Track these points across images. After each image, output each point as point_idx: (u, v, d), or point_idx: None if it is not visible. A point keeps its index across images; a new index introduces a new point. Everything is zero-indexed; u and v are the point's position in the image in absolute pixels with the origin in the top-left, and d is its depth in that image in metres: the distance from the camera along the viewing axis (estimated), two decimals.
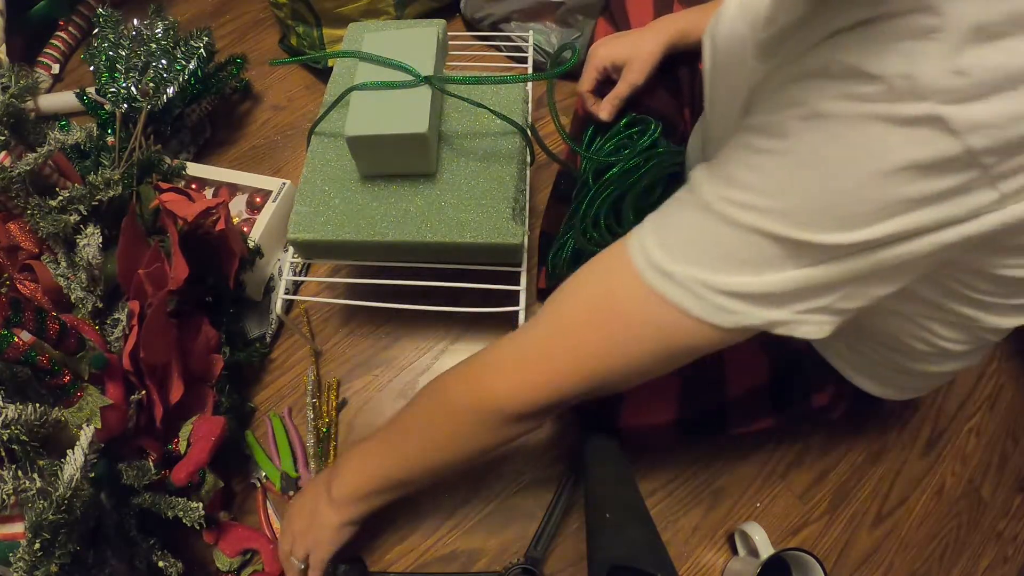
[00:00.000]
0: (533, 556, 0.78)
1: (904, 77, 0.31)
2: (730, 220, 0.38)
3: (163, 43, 1.00)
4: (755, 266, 0.38)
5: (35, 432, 0.59)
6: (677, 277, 0.40)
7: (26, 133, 0.80)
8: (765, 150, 0.37)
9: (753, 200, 0.38)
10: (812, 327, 0.41)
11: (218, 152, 1.12)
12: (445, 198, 0.74)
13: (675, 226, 0.42)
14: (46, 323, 0.60)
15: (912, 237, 0.36)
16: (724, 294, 0.39)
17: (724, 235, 0.39)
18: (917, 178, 0.33)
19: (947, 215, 0.35)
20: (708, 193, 0.40)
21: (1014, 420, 0.90)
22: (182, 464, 0.71)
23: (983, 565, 0.82)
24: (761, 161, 0.38)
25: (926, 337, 0.54)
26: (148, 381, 0.71)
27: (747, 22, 0.54)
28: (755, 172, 0.38)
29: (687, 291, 0.40)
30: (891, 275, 0.39)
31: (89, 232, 0.74)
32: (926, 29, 0.31)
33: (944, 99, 0.31)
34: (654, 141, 0.74)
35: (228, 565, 0.76)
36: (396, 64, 0.73)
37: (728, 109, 0.56)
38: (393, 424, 0.63)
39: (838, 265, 0.37)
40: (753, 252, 0.38)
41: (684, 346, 0.43)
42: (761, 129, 0.38)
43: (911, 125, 0.32)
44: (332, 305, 0.97)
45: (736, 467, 0.85)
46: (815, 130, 0.35)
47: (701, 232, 0.40)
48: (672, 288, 0.41)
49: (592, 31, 0.95)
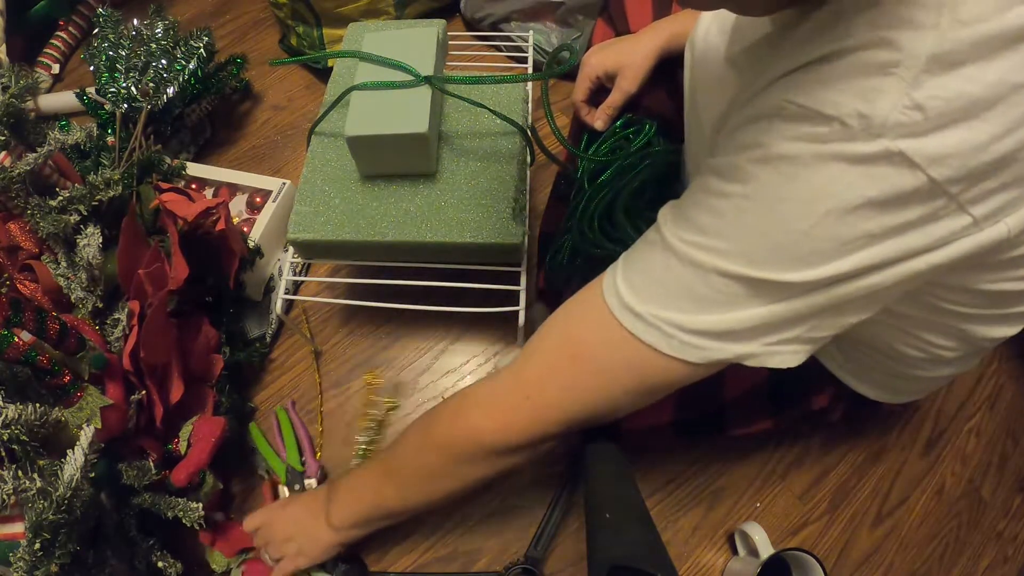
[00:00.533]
0: (533, 556, 0.78)
1: (859, 116, 0.32)
2: (693, 262, 0.39)
3: (163, 43, 1.00)
4: (719, 305, 0.39)
5: (35, 432, 0.59)
6: (646, 317, 0.41)
7: (26, 133, 0.80)
8: (723, 194, 0.38)
9: (712, 243, 0.38)
10: (785, 356, 0.42)
11: (218, 152, 1.12)
12: (445, 198, 0.74)
13: (642, 268, 0.43)
14: (46, 323, 0.60)
15: (877, 269, 0.36)
16: (691, 332, 0.40)
17: (687, 276, 0.40)
18: (877, 213, 0.33)
19: (914, 245, 0.35)
20: (671, 236, 0.41)
21: (1014, 420, 0.90)
22: (182, 465, 0.71)
23: (983, 565, 0.82)
24: (720, 205, 0.38)
25: (919, 345, 0.54)
26: (148, 381, 0.71)
27: (722, 32, 0.55)
28: (714, 216, 0.39)
29: (656, 330, 0.41)
30: (861, 305, 0.40)
31: (89, 232, 0.74)
32: (884, 64, 0.31)
33: (901, 133, 0.31)
34: (649, 140, 0.74)
35: (224, 565, 0.76)
36: (396, 64, 0.73)
37: (706, 116, 0.56)
38: (387, 455, 0.64)
39: (802, 300, 0.38)
40: (716, 292, 0.39)
41: (658, 382, 0.45)
42: (720, 172, 0.39)
43: (868, 163, 0.32)
44: (332, 305, 0.97)
45: (736, 467, 0.85)
46: (771, 172, 0.35)
47: (665, 273, 0.41)
48: (642, 327, 0.42)
49: (591, 31, 0.95)
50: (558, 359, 0.48)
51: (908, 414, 0.89)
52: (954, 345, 0.53)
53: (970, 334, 0.50)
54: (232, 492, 0.84)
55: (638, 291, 0.42)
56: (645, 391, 0.46)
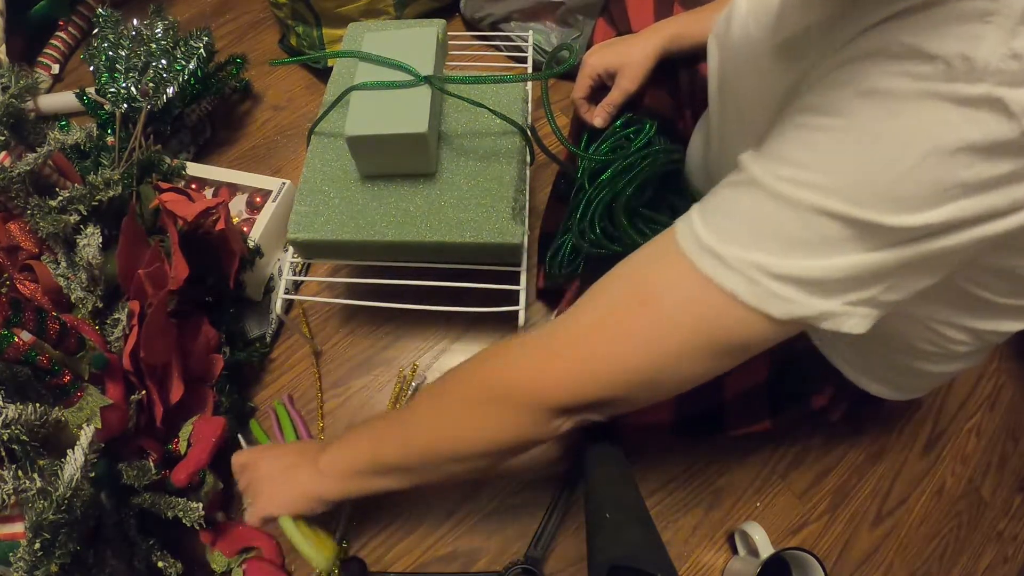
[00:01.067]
0: (533, 556, 0.78)
1: (962, 58, 0.31)
2: (786, 199, 0.37)
3: (163, 43, 1.00)
4: (811, 248, 0.37)
5: (35, 432, 0.59)
6: (728, 259, 0.38)
7: (26, 133, 0.80)
8: (821, 127, 0.36)
9: (810, 178, 0.36)
10: (856, 321, 0.39)
11: (218, 152, 1.12)
12: (445, 198, 0.74)
13: (726, 209, 0.40)
14: (46, 323, 0.60)
15: (961, 228, 0.35)
16: (779, 279, 0.37)
17: (780, 214, 0.37)
18: (974, 160, 0.33)
19: (997, 204, 0.34)
20: (761, 174, 0.38)
21: (1014, 420, 0.90)
22: (182, 465, 0.71)
23: (983, 565, 0.82)
24: (817, 139, 0.37)
25: (932, 338, 0.54)
26: (148, 381, 0.71)
27: (759, 24, 0.54)
28: (811, 150, 0.37)
29: (739, 274, 0.38)
30: (933, 267, 0.39)
31: (89, 232, 0.74)
32: (982, 13, 0.31)
33: (1001, 80, 0.31)
34: (649, 140, 0.74)
35: (224, 565, 0.76)
36: (396, 64, 0.73)
37: (742, 113, 0.56)
38: (409, 407, 0.59)
39: (892, 252, 0.36)
40: (810, 232, 0.36)
41: (732, 340, 0.41)
42: (815, 108, 0.37)
43: (970, 105, 0.32)
44: (332, 305, 0.97)
45: (736, 467, 0.85)
46: (873, 106, 0.34)
47: (754, 211, 0.38)
48: (723, 272, 0.38)
49: (592, 31, 0.95)
50: (622, 309, 0.43)
51: (908, 414, 0.89)
52: (967, 339, 0.53)
53: (983, 327, 0.50)
54: (232, 492, 0.84)
55: (721, 232, 0.39)
56: (715, 352, 0.42)
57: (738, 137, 0.56)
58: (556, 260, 0.80)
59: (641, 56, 0.74)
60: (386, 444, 0.58)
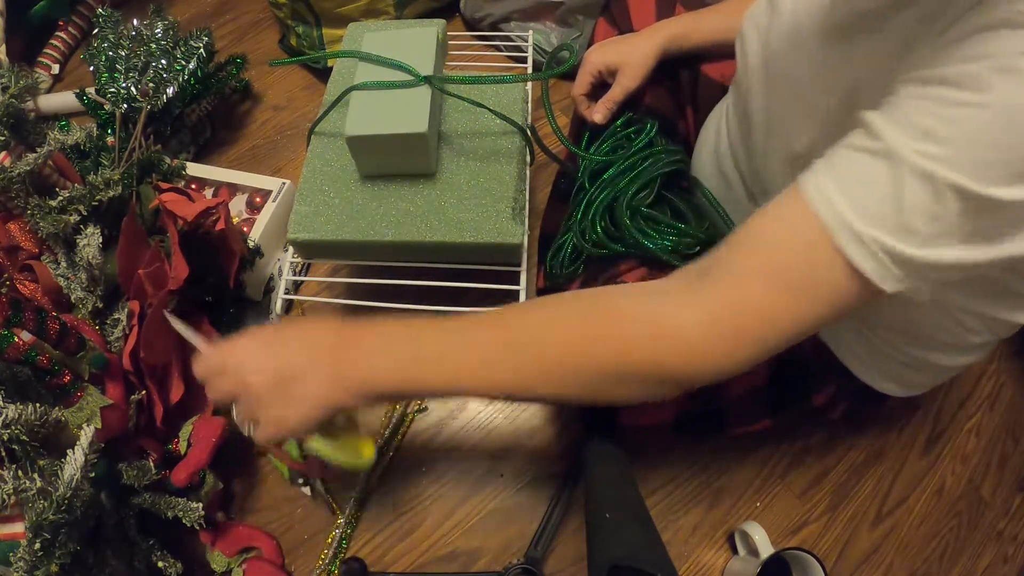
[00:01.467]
0: (533, 556, 0.78)
1: None
2: (928, 175, 0.36)
3: (163, 43, 1.00)
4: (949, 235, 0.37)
5: (35, 432, 0.59)
6: (868, 242, 0.38)
7: (26, 133, 0.80)
8: (960, 103, 0.35)
9: (950, 155, 0.35)
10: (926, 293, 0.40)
11: (218, 152, 1.12)
12: (445, 198, 0.74)
13: (863, 179, 0.39)
14: (46, 323, 0.60)
15: None
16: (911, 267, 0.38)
17: (922, 194, 0.36)
18: None
19: None
20: (899, 143, 0.37)
21: (1014, 420, 0.90)
22: (182, 465, 0.71)
23: (983, 565, 0.82)
24: (956, 114, 0.35)
25: (952, 327, 0.54)
26: (148, 381, 0.71)
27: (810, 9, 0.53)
28: (949, 125, 0.35)
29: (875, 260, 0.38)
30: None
31: (89, 232, 0.74)
32: None
33: None
34: (650, 140, 0.74)
35: (224, 565, 0.76)
36: (396, 64, 0.73)
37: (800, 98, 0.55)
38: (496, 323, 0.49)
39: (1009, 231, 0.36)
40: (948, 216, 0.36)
41: (852, 308, 0.41)
42: (948, 81, 0.36)
43: None
44: (332, 305, 0.97)
45: (736, 467, 0.85)
46: (1014, 82, 0.34)
47: (894, 188, 0.37)
48: (862, 254, 0.38)
49: (592, 30, 0.94)
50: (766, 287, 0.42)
51: (908, 413, 0.89)
52: (982, 328, 0.54)
53: (1004, 317, 0.51)
54: (232, 492, 0.85)
55: (861, 207, 0.38)
56: (835, 316, 0.41)
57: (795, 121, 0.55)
58: (557, 260, 0.80)
59: (642, 55, 0.74)
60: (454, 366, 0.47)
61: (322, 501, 0.83)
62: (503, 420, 0.88)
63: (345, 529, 0.81)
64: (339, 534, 0.80)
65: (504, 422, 0.88)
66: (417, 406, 0.89)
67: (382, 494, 0.84)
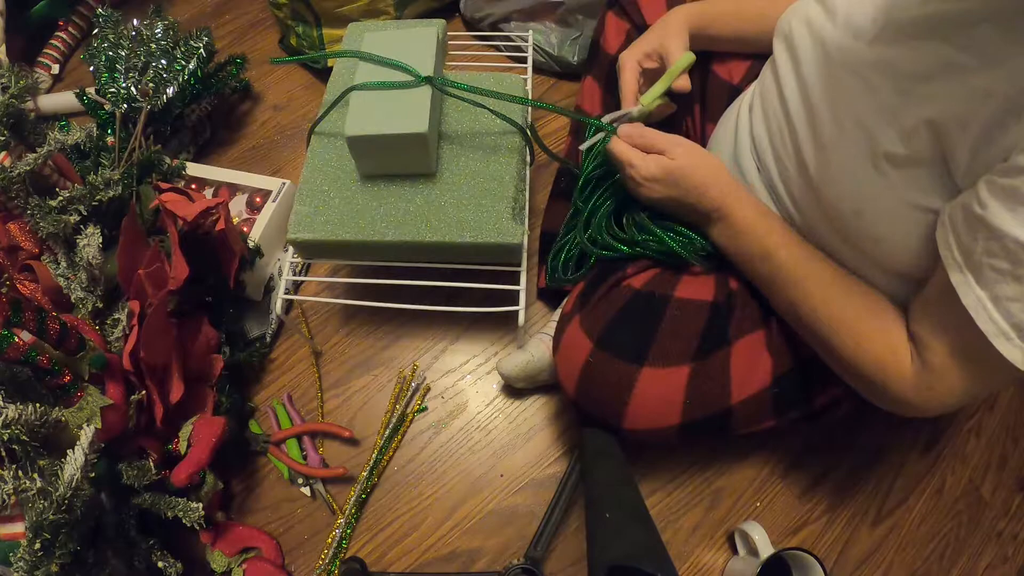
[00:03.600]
0: (533, 556, 0.78)
1: None
2: None
3: (163, 43, 1.00)
4: None
5: (35, 432, 0.59)
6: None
7: (26, 133, 0.80)
8: None
9: None
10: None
11: (218, 152, 1.12)
12: (445, 198, 0.74)
13: (1014, 298, 0.45)
14: (46, 323, 0.60)
15: None
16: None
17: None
18: None
19: None
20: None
21: (1014, 420, 0.90)
22: (182, 465, 0.71)
23: (983, 565, 0.82)
24: None
25: None
26: (148, 381, 0.71)
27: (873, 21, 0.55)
28: None
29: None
30: None
31: (89, 232, 0.74)
32: None
33: None
34: None
35: (224, 565, 0.76)
36: (396, 64, 0.73)
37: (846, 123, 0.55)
38: (818, 264, 0.60)
39: None
40: None
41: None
42: None
43: None
44: (332, 305, 0.97)
45: (736, 467, 0.85)
46: None
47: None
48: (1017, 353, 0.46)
49: (599, 24, 0.93)
50: (967, 377, 0.52)
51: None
52: None
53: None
54: (232, 492, 0.85)
55: (1017, 326, 0.45)
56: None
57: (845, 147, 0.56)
58: (557, 260, 0.80)
59: (676, 28, 0.72)
60: (776, 284, 0.62)
61: (322, 501, 0.83)
62: (503, 420, 0.89)
63: (345, 529, 0.81)
64: (339, 534, 0.80)
65: (504, 422, 0.88)
66: (417, 406, 0.89)
67: (382, 494, 0.84)
